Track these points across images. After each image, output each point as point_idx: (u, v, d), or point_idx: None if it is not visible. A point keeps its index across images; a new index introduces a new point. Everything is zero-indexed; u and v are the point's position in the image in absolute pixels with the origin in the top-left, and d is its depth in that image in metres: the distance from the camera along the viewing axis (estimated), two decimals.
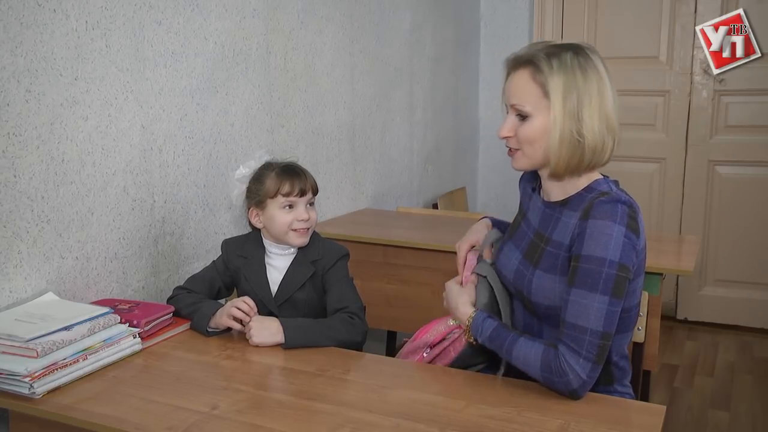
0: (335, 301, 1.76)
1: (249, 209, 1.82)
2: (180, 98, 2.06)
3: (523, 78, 1.44)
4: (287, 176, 1.77)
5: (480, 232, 1.73)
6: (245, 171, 1.82)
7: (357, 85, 3.02)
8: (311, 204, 1.81)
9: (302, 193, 1.77)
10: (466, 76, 4.13)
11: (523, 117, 1.44)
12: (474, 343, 1.50)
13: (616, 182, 1.48)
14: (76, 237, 1.77)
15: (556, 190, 1.49)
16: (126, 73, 1.87)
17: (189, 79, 2.08)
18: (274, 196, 1.76)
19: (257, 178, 1.80)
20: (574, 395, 1.34)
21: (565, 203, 1.47)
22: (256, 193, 1.79)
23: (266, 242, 1.83)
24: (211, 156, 2.20)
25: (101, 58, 1.79)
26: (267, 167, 1.81)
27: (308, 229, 1.78)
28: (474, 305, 1.55)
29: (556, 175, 1.46)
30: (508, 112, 1.48)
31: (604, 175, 1.50)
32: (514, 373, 1.47)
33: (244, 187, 1.82)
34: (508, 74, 1.48)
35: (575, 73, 1.40)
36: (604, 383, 1.48)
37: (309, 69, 2.66)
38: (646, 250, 1.44)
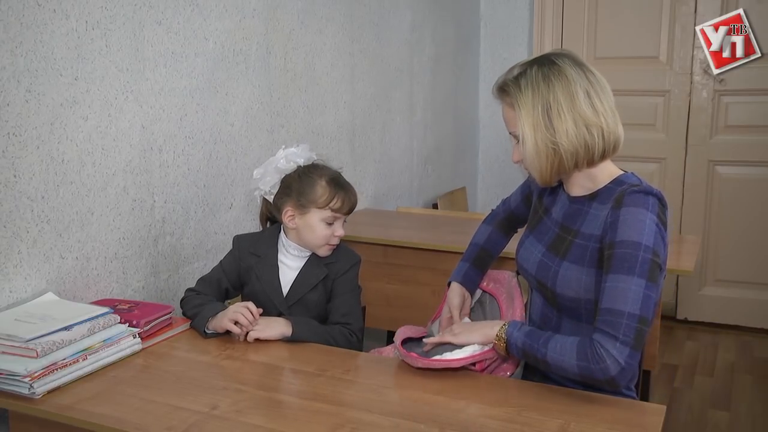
0: (340, 314, 1.75)
1: (284, 207, 1.75)
2: (180, 98, 2.06)
3: (504, 106, 1.51)
4: (341, 191, 1.73)
5: (454, 301, 1.76)
6: (289, 165, 1.75)
7: (357, 85, 3.02)
8: (345, 220, 1.79)
9: (349, 212, 1.76)
10: (466, 76, 4.13)
11: (519, 140, 1.49)
12: (505, 350, 1.44)
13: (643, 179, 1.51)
14: (76, 237, 1.77)
15: (575, 187, 1.53)
16: (126, 73, 1.87)
17: (189, 79, 2.08)
18: (323, 207, 1.72)
19: (303, 179, 1.74)
20: (612, 383, 1.33)
21: (593, 197, 1.49)
22: (302, 195, 1.73)
23: (286, 241, 1.79)
24: (211, 156, 2.20)
25: (101, 58, 1.79)
26: (315, 170, 1.75)
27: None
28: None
29: (545, 183, 1.49)
30: None
31: (629, 172, 1.52)
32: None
33: (279, 177, 1.76)
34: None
35: (539, 84, 1.43)
36: None
37: (309, 69, 2.66)
38: (668, 246, 1.45)
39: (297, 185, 1.74)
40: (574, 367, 1.34)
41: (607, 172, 1.49)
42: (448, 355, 1.46)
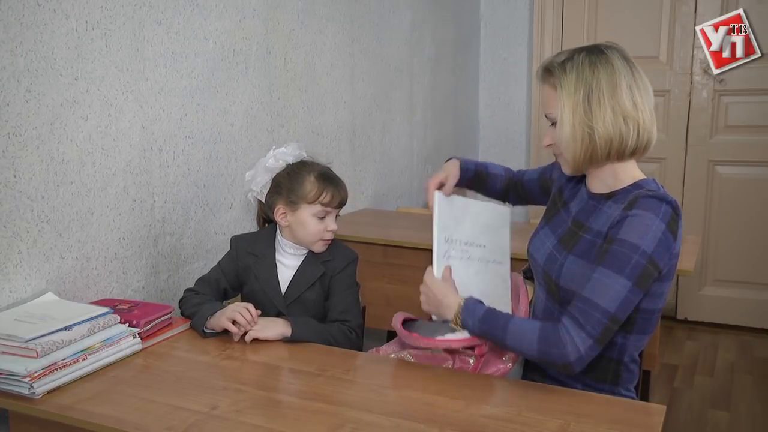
0: (338, 311, 1.76)
1: (275, 205, 1.77)
2: (180, 98, 2.06)
3: (545, 87, 1.51)
4: (330, 185, 1.73)
5: (449, 169, 1.76)
6: (277, 163, 1.77)
7: (357, 85, 3.02)
8: (337, 215, 1.79)
9: (340, 205, 1.75)
10: (466, 76, 4.13)
11: (554, 123, 1.48)
12: (461, 329, 1.48)
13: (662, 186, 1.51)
14: (76, 237, 1.77)
15: (597, 183, 1.53)
16: (126, 73, 1.87)
17: (189, 79, 2.08)
18: (312, 202, 1.72)
19: (292, 176, 1.75)
20: (569, 368, 1.36)
21: (610, 196, 1.50)
22: (291, 192, 1.74)
23: (282, 240, 1.80)
24: (211, 156, 2.20)
25: (101, 58, 1.79)
26: (303, 167, 1.76)
27: (331, 239, 1.78)
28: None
29: (575, 169, 1.49)
30: None
31: (651, 178, 1.52)
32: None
33: (269, 177, 1.77)
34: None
35: (584, 69, 1.44)
36: (610, 383, 1.49)
37: (309, 69, 2.66)
38: (678, 257, 1.45)
39: (286, 183, 1.75)
40: (534, 351, 1.37)
41: (630, 173, 1.50)
42: (450, 336, 1.47)
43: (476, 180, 1.87)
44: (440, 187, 1.69)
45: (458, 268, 1.59)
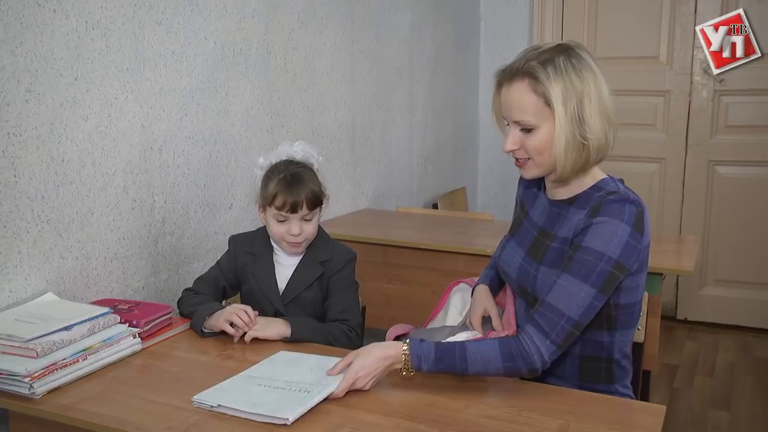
0: (337, 311, 1.76)
1: (257, 204, 1.80)
2: (180, 98, 2.06)
3: (521, 91, 1.41)
4: (284, 189, 1.71)
5: (484, 299, 1.69)
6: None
7: (357, 85, 3.02)
8: (306, 219, 1.75)
9: (293, 210, 1.72)
10: (466, 76, 4.13)
11: (527, 129, 1.42)
12: (413, 373, 1.39)
13: (621, 180, 1.49)
14: (76, 237, 1.77)
15: (561, 190, 1.50)
16: (126, 73, 1.87)
17: (189, 79, 2.08)
18: (270, 205, 1.73)
19: (264, 177, 1.77)
20: (534, 373, 1.38)
21: (571, 201, 1.47)
22: (260, 194, 1.76)
23: (272, 239, 1.82)
24: (211, 156, 2.20)
25: (101, 58, 1.79)
26: (275, 168, 1.76)
27: (301, 242, 1.76)
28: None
29: (564, 179, 1.45)
30: (508, 125, 1.46)
31: (608, 176, 1.50)
32: None
33: (261, 173, 1.80)
34: (501, 86, 1.45)
35: (570, 76, 1.37)
36: (605, 381, 1.48)
37: (309, 69, 2.66)
38: (649, 247, 1.44)
39: (261, 184, 1.78)
40: (500, 369, 1.37)
41: (591, 175, 1.47)
42: (451, 339, 1.47)
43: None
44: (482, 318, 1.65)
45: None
